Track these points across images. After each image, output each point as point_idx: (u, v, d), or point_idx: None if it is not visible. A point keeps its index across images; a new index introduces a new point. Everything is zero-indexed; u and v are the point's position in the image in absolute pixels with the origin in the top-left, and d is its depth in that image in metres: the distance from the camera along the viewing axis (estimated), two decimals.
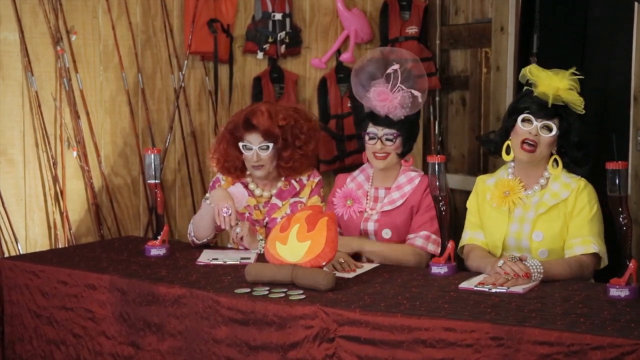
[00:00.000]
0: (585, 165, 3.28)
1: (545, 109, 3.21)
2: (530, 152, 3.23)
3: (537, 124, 3.22)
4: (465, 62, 5.38)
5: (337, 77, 5.25)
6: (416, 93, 3.48)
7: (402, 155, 3.57)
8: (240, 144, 3.65)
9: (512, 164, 3.36)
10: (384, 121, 3.49)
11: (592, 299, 2.75)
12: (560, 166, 3.27)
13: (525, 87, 3.34)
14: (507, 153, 3.32)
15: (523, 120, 3.24)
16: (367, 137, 3.53)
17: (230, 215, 3.51)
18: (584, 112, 3.21)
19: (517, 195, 3.27)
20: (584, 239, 3.15)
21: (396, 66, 3.45)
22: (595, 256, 3.16)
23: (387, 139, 3.50)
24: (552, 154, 3.28)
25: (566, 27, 4.72)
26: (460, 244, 3.40)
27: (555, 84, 3.20)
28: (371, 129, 3.53)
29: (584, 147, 3.27)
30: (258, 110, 3.65)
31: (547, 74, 3.23)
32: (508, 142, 3.31)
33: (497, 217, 3.31)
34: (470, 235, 3.38)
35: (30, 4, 4.48)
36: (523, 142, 3.23)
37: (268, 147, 3.62)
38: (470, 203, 3.44)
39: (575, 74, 3.24)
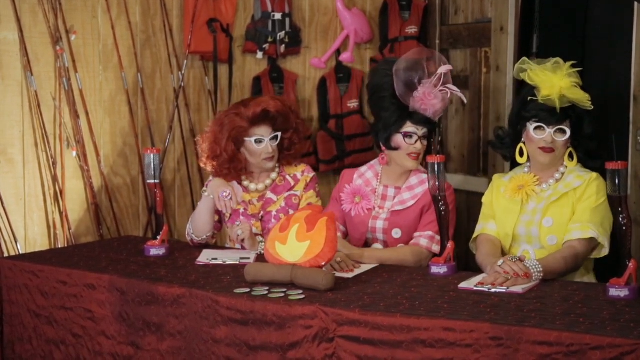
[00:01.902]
0: (599, 157, 3.28)
1: (555, 114, 3.23)
2: (550, 152, 3.27)
3: (550, 130, 3.25)
4: (465, 61, 5.37)
5: (337, 77, 5.24)
6: (459, 94, 3.51)
7: (426, 154, 3.58)
8: (251, 139, 3.67)
9: (528, 164, 3.39)
10: (423, 120, 3.50)
11: (591, 299, 2.75)
12: (575, 160, 3.30)
13: (524, 91, 3.34)
14: (521, 155, 3.35)
15: (536, 129, 3.27)
16: (404, 138, 3.51)
17: (230, 198, 3.53)
18: (592, 107, 3.24)
19: (531, 188, 3.30)
20: (583, 225, 3.17)
21: (449, 67, 3.46)
22: (592, 241, 3.17)
23: (424, 137, 3.52)
24: (568, 147, 3.31)
25: (566, 27, 4.71)
26: (474, 236, 3.43)
27: (557, 84, 3.21)
28: (410, 128, 3.50)
29: (596, 138, 3.30)
30: (267, 99, 3.74)
31: (547, 75, 3.23)
32: (521, 145, 3.34)
33: (510, 207, 3.34)
34: (483, 226, 3.41)
35: (30, 4, 4.48)
36: (540, 147, 3.27)
37: (277, 137, 3.69)
38: (486, 198, 3.48)
39: (574, 66, 3.25)
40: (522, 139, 3.35)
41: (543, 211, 3.26)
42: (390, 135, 3.53)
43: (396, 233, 3.52)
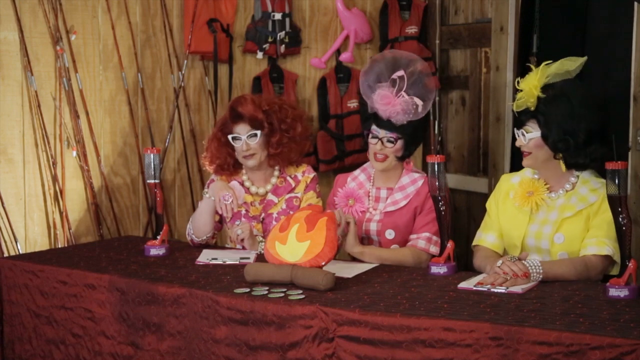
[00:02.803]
0: (582, 163, 3.18)
1: (519, 116, 3.23)
2: (526, 155, 3.23)
3: (518, 132, 3.24)
4: (464, 61, 5.38)
5: (337, 77, 5.25)
6: (418, 102, 3.47)
7: (401, 158, 3.56)
8: (230, 137, 3.69)
9: None
10: (386, 124, 3.50)
11: (591, 298, 2.75)
12: (563, 166, 3.22)
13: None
14: None
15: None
16: (369, 136, 3.55)
17: (231, 202, 3.53)
18: (572, 75, 3.20)
19: (540, 197, 3.24)
20: (599, 240, 3.10)
21: (401, 72, 3.45)
22: (607, 258, 3.10)
23: (388, 141, 3.51)
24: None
25: (566, 27, 4.71)
26: (473, 243, 3.40)
27: (525, 86, 3.19)
28: (374, 128, 3.54)
29: (568, 142, 3.15)
30: (242, 99, 3.74)
31: (524, 82, 3.22)
32: None
33: (518, 216, 3.27)
34: (482, 237, 3.38)
35: (30, 4, 4.48)
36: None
37: (256, 134, 3.67)
38: (490, 203, 3.42)
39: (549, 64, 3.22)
40: None
41: (555, 225, 3.19)
42: (365, 133, 3.59)
43: (389, 234, 3.52)
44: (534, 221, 3.25)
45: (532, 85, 3.18)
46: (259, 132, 3.67)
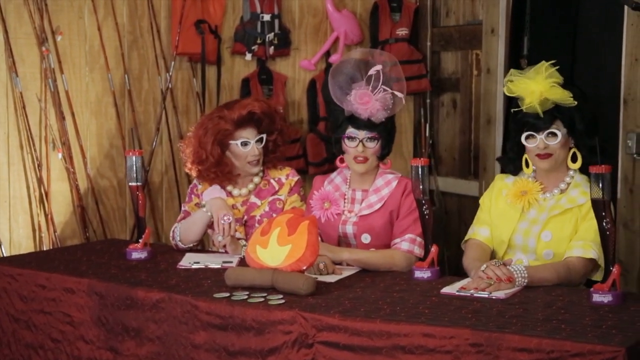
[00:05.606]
0: (602, 153, 3.14)
1: (540, 119, 3.15)
2: (547, 157, 3.18)
3: (540, 137, 3.16)
4: (455, 64, 5.35)
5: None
6: (399, 94, 3.41)
7: (381, 158, 3.51)
8: (237, 142, 3.63)
9: (534, 167, 3.28)
10: (364, 124, 3.42)
11: (574, 304, 2.71)
12: (579, 161, 3.18)
13: (512, 105, 3.26)
14: (527, 166, 3.27)
15: (527, 138, 3.19)
16: (346, 140, 3.46)
17: (230, 223, 3.48)
18: (575, 103, 3.13)
19: (533, 197, 3.22)
20: (585, 243, 3.09)
21: (379, 67, 3.39)
22: (591, 262, 3.09)
23: (368, 139, 3.44)
24: (570, 148, 3.21)
25: (557, 30, 4.69)
26: (465, 238, 3.37)
27: (536, 89, 3.12)
28: (351, 130, 3.45)
29: (594, 133, 3.17)
30: (245, 103, 3.68)
31: (525, 83, 3.15)
32: (525, 156, 3.26)
33: (509, 213, 3.25)
34: (475, 230, 3.34)
35: (15, 4, 4.44)
36: (536, 155, 3.19)
37: (262, 139, 3.66)
38: (483, 200, 3.40)
39: (553, 65, 3.16)
40: (525, 152, 3.26)
41: (543, 224, 3.18)
42: (338, 139, 3.49)
43: (365, 238, 3.45)
44: (524, 219, 3.23)
45: (539, 90, 3.12)
46: (264, 136, 3.67)
